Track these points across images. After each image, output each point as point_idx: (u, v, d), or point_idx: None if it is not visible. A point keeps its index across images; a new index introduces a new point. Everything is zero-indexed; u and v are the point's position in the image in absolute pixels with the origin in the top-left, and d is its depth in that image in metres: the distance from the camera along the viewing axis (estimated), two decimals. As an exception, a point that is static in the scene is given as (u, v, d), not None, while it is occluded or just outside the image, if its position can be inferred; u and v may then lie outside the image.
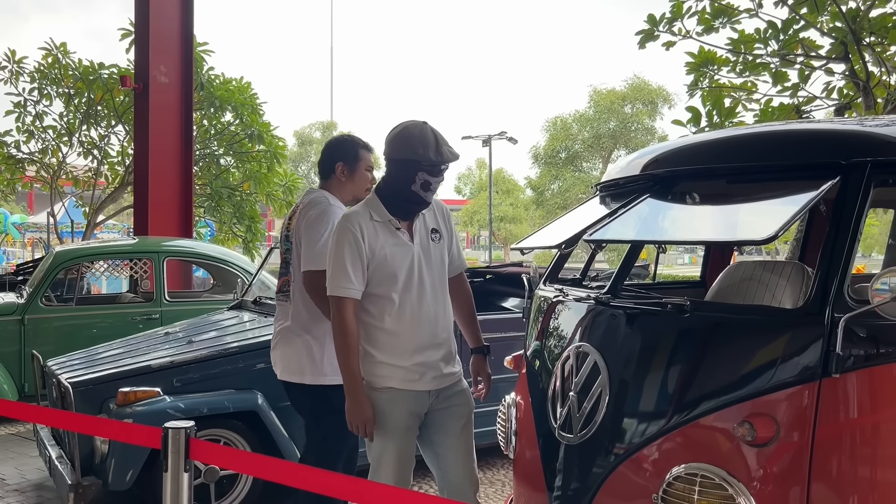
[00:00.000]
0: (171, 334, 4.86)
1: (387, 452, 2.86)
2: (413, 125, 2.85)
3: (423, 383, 2.89)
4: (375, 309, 2.86)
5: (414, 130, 2.82)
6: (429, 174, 2.81)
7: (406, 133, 2.82)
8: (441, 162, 2.83)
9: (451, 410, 2.98)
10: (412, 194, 2.84)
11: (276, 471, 2.16)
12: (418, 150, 2.78)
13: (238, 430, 4.10)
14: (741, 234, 2.36)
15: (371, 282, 2.83)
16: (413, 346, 2.87)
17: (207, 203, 12.50)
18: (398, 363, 2.85)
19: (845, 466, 2.04)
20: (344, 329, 2.78)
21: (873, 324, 2.02)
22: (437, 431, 2.96)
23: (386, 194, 2.89)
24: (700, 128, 5.87)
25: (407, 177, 2.81)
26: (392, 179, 2.87)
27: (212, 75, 11.99)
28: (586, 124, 31.52)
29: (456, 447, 2.98)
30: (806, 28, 5.85)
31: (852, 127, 2.58)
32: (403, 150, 2.80)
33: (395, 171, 2.85)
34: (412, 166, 2.79)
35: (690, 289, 3.78)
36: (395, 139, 2.84)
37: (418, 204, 2.89)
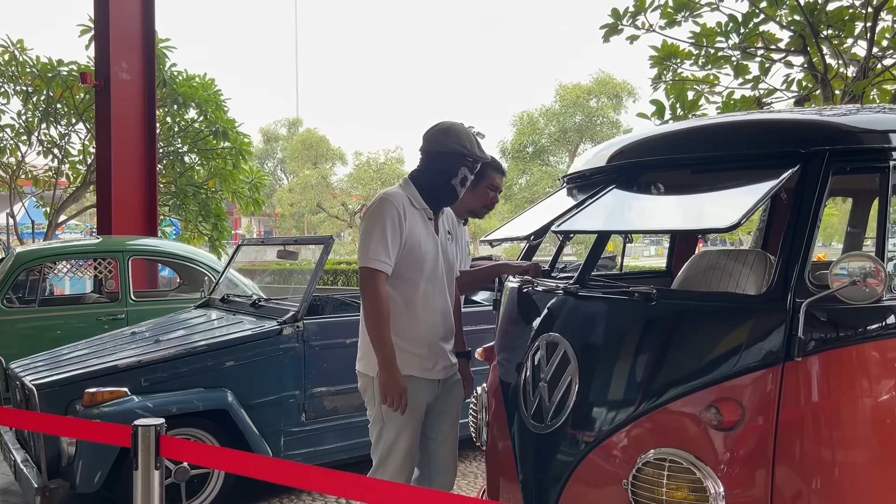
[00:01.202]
0: (137, 334, 4.79)
1: (399, 441, 2.93)
2: (457, 123, 3.02)
3: (435, 372, 3.01)
4: (400, 294, 2.93)
5: (460, 128, 2.99)
6: (469, 170, 2.99)
7: (454, 129, 2.98)
8: (483, 158, 3.03)
9: (450, 399, 3.12)
10: (450, 187, 2.98)
11: (248, 465, 2.15)
12: (466, 145, 2.95)
13: (208, 429, 4.07)
14: (705, 223, 2.41)
15: (400, 264, 2.90)
16: (430, 334, 2.98)
17: (172, 201, 12.32)
18: (417, 350, 2.95)
19: (808, 447, 2.09)
20: (380, 301, 2.83)
21: (833, 308, 2.08)
22: (434, 418, 3.07)
23: (424, 184, 3.01)
24: (664, 121, 5.94)
25: (450, 170, 2.96)
26: (434, 171, 2.99)
27: (175, 72, 11.80)
28: (553, 119, 31.67)
29: (448, 434, 3.12)
30: (765, 21, 5.95)
31: (811, 117, 2.64)
32: (451, 144, 2.95)
33: (438, 163, 2.98)
34: (457, 160, 2.95)
35: (657, 278, 3.84)
36: (441, 133, 2.98)
37: (451, 198, 3.03)
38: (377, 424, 2.96)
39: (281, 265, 11.23)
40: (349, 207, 35.06)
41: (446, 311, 3.08)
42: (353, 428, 4.49)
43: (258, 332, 4.30)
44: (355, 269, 19.30)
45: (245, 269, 8.65)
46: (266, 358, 4.26)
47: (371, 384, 2.95)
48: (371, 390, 2.97)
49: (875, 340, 2.12)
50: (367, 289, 2.84)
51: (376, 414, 2.97)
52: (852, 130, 2.39)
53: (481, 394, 3.13)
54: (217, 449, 3.29)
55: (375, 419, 2.98)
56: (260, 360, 4.24)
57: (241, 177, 12.41)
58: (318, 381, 4.40)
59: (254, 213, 13.28)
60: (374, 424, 2.99)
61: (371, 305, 2.83)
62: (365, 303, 2.86)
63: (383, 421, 2.94)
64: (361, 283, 2.87)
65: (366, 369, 2.99)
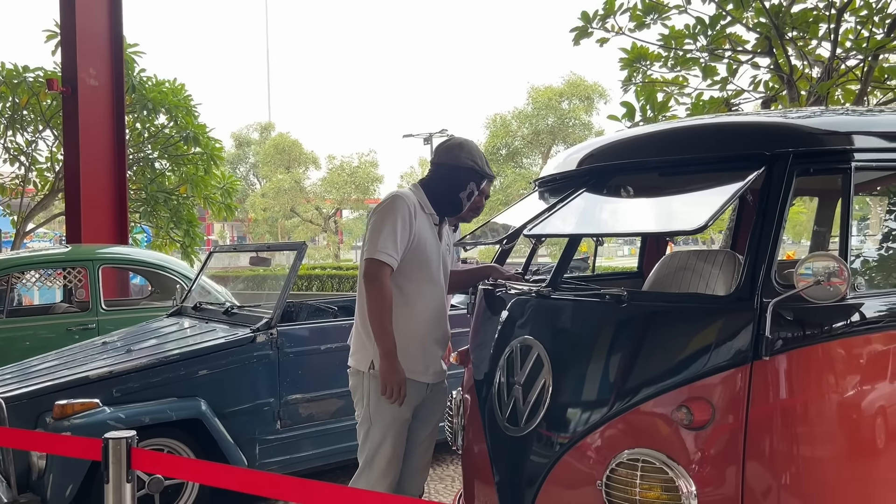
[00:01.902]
0: (108, 344, 4.73)
1: (385, 442, 2.95)
2: (470, 140, 3.16)
3: (427, 375, 3.05)
4: (401, 291, 2.97)
5: (473, 145, 3.15)
6: (476, 186, 3.11)
7: (468, 146, 3.13)
8: (491, 176, 3.18)
9: (435, 405, 3.16)
10: (458, 199, 3.10)
11: (220, 476, 2.13)
12: (477, 161, 3.10)
13: (182, 439, 4.03)
14: (674, 225, 2.44)
15: (405, 262, 2.94)
16: (426, 337, 3.03)
17: (143, 208, 12.17)
18: (410, 349, 2.97)
19: (777, 444, 2.13)
20: (384, 292, 2.87)
21: (799, 307, 2.11)
22: (417, 422, 3.10)
23: (433, 192, 3.10)
24: (634, 122, 6.00)
25: (460, 183, 3.08)
26: (445, 183, 3.10)
27: (144, 77, 11.67)
28: (525, 121, 31.84)
29: (427, 440, 3.17)
30: (732, 23, 6.04)
31: (776, 119, 2.68)
32: (464, 160, 3.08)
33: (449, 176, 3.09)
34: (468, 175, 3.08)
35: (628, 279, 3.88)
36: (455, 148, 3.11)
37: (456, 209, 3.14)
38: (365, 424, 2.98)
39: (254, 271, 11.15)
40: (323, 212, 34.92)
41: (443, 315, 3.14)
42: (329, 435, 4.48)
43: (231, 339, 4.27)
44: (330, 275, 19.28)
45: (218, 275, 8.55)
46: (240, 366, 4.23)
47: (362, 381, 2.98)
48: (361, 388, 2.98)
49: (840, 338, 2.17)
50: (372, 279, 2.87)
51: (364, 414, 2.98)
52: (815, 132, 2.44)
53: (456, 397, 3.14)
54: (189, 460, 3.27)
55: (363, 419, 2.99)
56: (233, 368, 4.21)
57: (212, 182, 12.30)
58: (292, 389, 4.38)
59: (226, 219, 13.17)
60: (361, 424, 3.01)
61: (375, 296, 2.87)
62: (369, 293, 2.89)
63: (371, 421, 2.96)
64: (366, 273, 2.90)
65: (358, 364, 3.01)
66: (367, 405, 2.97)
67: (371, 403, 2.95)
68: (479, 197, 3.62)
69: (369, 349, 2.96)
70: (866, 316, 2.19)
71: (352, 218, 38.83)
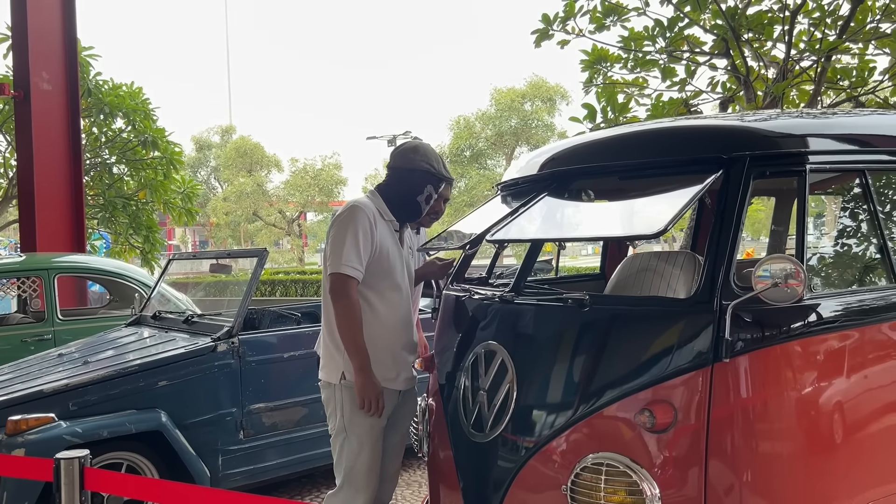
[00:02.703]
0: (65, 355, 4.61)
1: (363, 452, 2.92)
2: (426, 143, 3.13)
3: (398, 383, 3.04)
4: (367, 302, 2.94)
5: (429, 148, 3.11)
6: (434, 189, 3.08)
7: (423, 148, 3.09)
8: (449, 178, 3.14)
9: (405, 411, 3.15)
10: (416, 204, 3.07)
11: (178, 495, 2.08)
12: (433, 164, 3.07)
13: (142, 452, 3.94)
14: (634, 230, 2.45)
15: (369, 272, 2.92)
16: (395, 344, 3.01)
17: (101, 214, 11.92)
18: (381, 359, 2.94)
19: (738, 444, 2.15)
20: (353, 306, 2.84)
21: (758, 309, 2.14)
22: (388, 428, 3.07)
23: (391, 197, 3.07)
24: (596, 124, 6.05)
25: (417, 187, 3.05)
26: (401, 187, 3.07)
27: (100, 81, 11.43)
28: (489, 122, 31.93)
29: (397, 445, 3.16)
30: (690, 25, 6.12)
31: (733, 123, 2.71)
32: (420, 163, 3.05)
33: (406, 179, 3.06)
34: (424, 178, 3.05)
35: (591, 281, 3.90)
36: (411, 151, 3.08)
37: (415, 215, 3.12)
38: (340, 436, 2.94)
39: (216, 278, 10.99)
40: (287, 215, 34.59)
41: (410, 322, 3.12)
42: (294, 443, 4.43)
43: (191, 349, 4.19)
44: (294, 279, 19.06)
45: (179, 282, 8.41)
46: (200, 376, 4.15)
47: (334, 393, 2.94)
48: (334, 400, 2.95)
49: (798, 338, 2.19)
50: (340, 294, 2.85)
51: (339, 425, 2.94)
52: (771, 135, 2.47)
53: (422, 404, 3.12)
54: (145, 479, 3.19)
55: (338, 431, 2.95)
56: (194, 378, 4.14)
57: (172, 187, 12.10)
58: (255, 398, 4.32)
59: (187, 224, 12.96)
60: (336, 436, 2.96)
61: (344, 311, 2.84)
62: (337, 309, 2.86)
63: (346, 432, 2.92)
64: (332, 288, 2.87)
65: (328, 377, 2.98)
66: (340, 416, 2.93)
67: (345, 415, 2.92)
68: (438, 201, 3.62)
69: (339, 361, 2.93)
70: (823, 316, 2.23)
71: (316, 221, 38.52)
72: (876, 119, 3.11)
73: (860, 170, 2.53)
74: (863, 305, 2.40)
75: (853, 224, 2.79)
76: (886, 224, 2.68)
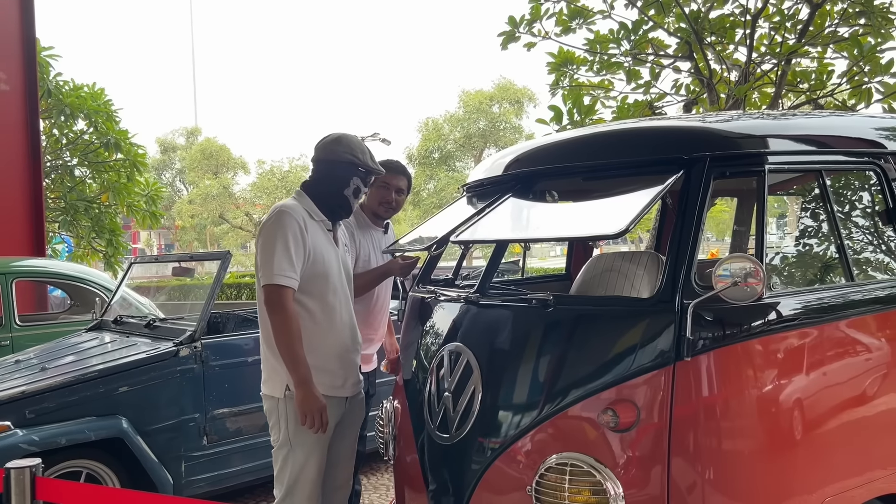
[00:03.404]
0: (22, 362, 4.50)
1: (308, 465, 2.82)
2: (350, 134, 2.98)
3: (345, 389, 2.93)
4: (307, 309, 2.82)
5: (352, 138, 2.96)
6: (361, 180, 2.93)
7: (346, 139, 2.94)
8: (376, 170, 2.97)
9: (354, 417, 3.06)
10: (343, 199, 2.92)
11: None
12: (358, 155, 2.91)
13: (103, 460, 3.86)
14: (596, 230, 2.46)
15: (304, 278, 2.79)
16: (341, 349, 2.91)
17: (62, 217, 11.68)
18: (327, 367, 2.85)
19: (700, 441, 2.17)
20: (289, 318, 2.71)
21: (718, 308, 2.16)
22: (336, 436, 2.97)
23: (318, 194, 2.93)
24: (562, 125, 6.08)
25: (343, 180, 2.90)
26: (327, 181, 2.92)
27: (60, 81, 11.21)
28: (457, 124, 32.01)
29: (347, 452, 3.06)
30: (654, 29, 6.19)
31: (693, 124, 2.74)
32: (344, 154, 2.90)
33: (330, 173, 2.91)
34: (349, 170, 2.90)
35: (557, 282, 3.91)
36: (333, 143, 2.93)
37: (346, 211, 2.98)
38: (283, 448, 2.81)
39: (180, 281, 10.83)
40: (254, 217, 34.25)
41: (353, 324, 3.01)
42: (258, 448, 4.36)
43: (153, 354, 4.11)
44: (262, 282, 18.86)
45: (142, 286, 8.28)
46: (162, 381, 4.08)
47: (276, 406, 2.82)
48: (277, 413, 2.83)
49: (758, 336, 2.22)
50: (275, 306, 2.71)
51: (283, 438, 2.81)
52: (731, 136, 2.50)
53: (388, 407, 3.09)
54: (99, 488, 3.11)
55: (282, 443, 2.82)
56: (156, 383, 4.06)
57: (136, 189, 11.91)
58: (219, 403, 4.25)
59: (152, 227, 12.76)
60: (279, 449, 2.84)
61: (281, 324, 2.71)
62: (274, 322, 2.73)
63: (291, 444, 2.79)
64: (267, 301, 2.72)
65: (271, 391, 2.85)
66: (285, 429, 2.80)
67: (290, 427, 2.79)
68: (388, 192, 3.54)
69: (282, 373, 2.78)
70: (782, 314, 2.26)
71: (284, 223, 38.16)
72: (833, 121, 3.17)
73: (817, 170, 2.58)
74: (821, 303, 2.43)
75: (812, 224, 2.84)
76: (844, 224, 2.73)
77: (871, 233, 2.84)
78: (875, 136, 2.84)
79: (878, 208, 2.77)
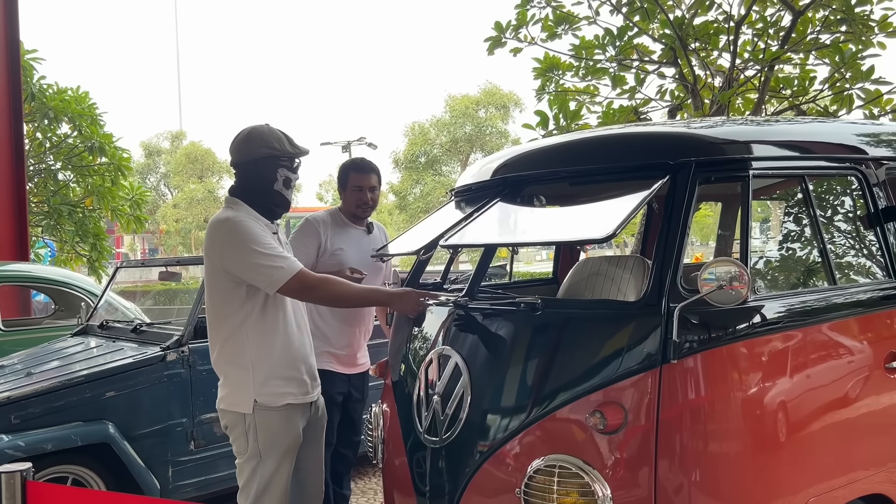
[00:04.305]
0: (6, 367, 4.47)
1: (277, 475, 2.77)
2: (259, 126, 2.82)
3: (313, 395, 2.91)
4: (267, 317, 2.76)
5: (263, 129, 2.80)
6: (288, 170, 2.80)
7: (257, 133, 2.79)
8: (297, 153, 2.82)
9: (318, 422, 3.02)
10: (276, 194, 2.80)
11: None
12: (274, 145, 2.76)
13: (90, 466, 3.84)
14: (583, 234, 2.48)
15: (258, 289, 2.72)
16: (303, 353, 2.87)
17: (46, 221, 11.58)
18: (294, 374, 2.81)
19: (687, 443, 2.19)
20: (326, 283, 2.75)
21: (704, 311, 2.19)
22: (304, 444, 2.92)
23: (250, 198, 2.80)
24: (548, 130, 6.12)
25: (268, 176, 2.77)
26: (253, 182, 2.80)
27: (44, 85, 11.13)
28: (443, 129, 32.10)
29: (316, 458, 3.02)
30: (639, 35, 6.25)
31: (679, 129, 2.78)
32: (259, 149, 2.76)
33: (252, 171, 2.78)
34: (272, 163, 2.77)
35: (544, 286, 3.94)
36: (245, 141, 2.79)
37: (283, 205, 2.85)
38: (252, 461, 2.72)
39: (166, 286, 10.78)
40: (239, 222, 34.08)
41: (306, 325, 2.97)
42: (246, 452, 4.35)
43: (140, 359, 4.10)
44: (248, 286, 18.76)
45: (127, 290, 8.23)
46: (149, 386, 4.07)
47: (243, 420, 2.72)
48: (243, 426, 2.72)
49: (743, 339, 2.26)
50: (308, 288, 2.69)
51: (251, 451, 2.72)
52: (716, 142, 2.54)
53: (376, 410, 3.10)
54: (91, 492, 3.10)
55: (250, 455, 2.72)
56: (143, 388, 4.05)
57: (120, 193, 11.83)
58: (206, 407, 4.23)
59: (136, 231, 12.69)
60: (246, 462, 2.74)
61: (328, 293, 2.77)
62: (324, 298, 2.81)
63: (260, 456, 2.71)
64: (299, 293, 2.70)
65: (232, 406, 2.74)
66: (253, 441, 2.71)
67: (260, 439, 2.70)
68: (363, 193, 3.51)
69: (250, 388, 2.70)
70: (767, 317, 2.29)
71: (270, 228, 38.07)
72: (816, 127, 3.23)
73: (800, 175, 2.62)
74: (805, 307, 2.47)
75: (796, 228, 2.88)
76: (826, 228, 2.77)
77: (853, 237, 2.89)
78: (856, 141, 2.89)
79: (859, 213, 2.82)
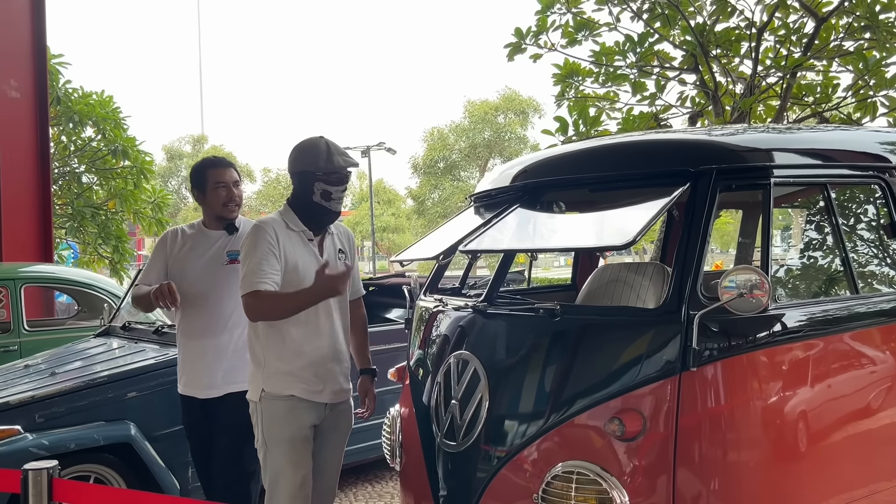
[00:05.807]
0: (31, 366, 4.53)
1: (286, 466, 2.85)
2: (308, 139, 3.00)
3: (324, 396, 2.95)
4: (281, 325, 2.87)
5: (307, 143, 2.97)
6: (325, 183, 2.91)
7: (299, 147, 2.98)
8: (333, 170, 2.91)
9: (339, 424, 3.06)
10: (315, 206, 2.94)
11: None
12: (309, 161, 2.91)
13: (111, 465, 3.88)
14: (603, 241, 2.49)
15: (281, 287, 2.83)
16: (316, 357, 2.92)
17: (69, 224, 11.75)
18: (300, 373, 2.89)
19: (705, 451, 2.19)
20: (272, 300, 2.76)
21: (724, 319, 2.18)
22: (321, 442, 3.01)
23: (296, 206, 3.00)
24: (567, 136, 6.12)
25: (306, 189, 2.93)
26: (296, 192, 3.00)
27: (69, 89, 11.31)
28: (462, 134, 32.15)
29: (332, 460, 3.08)
30: (660, 41, 6.24)
31: (700, 137, 2.77)
32: (297, 164, 2.96)
33: (296, 184, 2.99)
34: (308, 178, 2.92)
35: (563, 292, 3.94)
36: (291, 154, 3.00)
37: (325, 215, 2.98)
38: (262, 449, 2.92)
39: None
40: (259, 225, 34.35)
41: (334, 332, 3.00)
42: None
43: (162, 360, 4.14)
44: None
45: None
46: (171, 387, 4.06)
47: (256, 409, 2.93)
48: (256, 415, 2.94)
49: (763, 348, 2.24)
50: (254, 310, 2.77)
51: (260, 438, 2.93)
52: (737, 150, 2.53)
53: (394, 414, 3.12)
54: (115, 490, 3.14)
55: (260, 444, 2.94)
56: (164, 389, 4.07)
57: (142, 196, 11.99)
58: (227, 408, 4.27)
59: (157, 234, 12.83)
60: (259, 449, 2.95)
61: (272, 308, 2.78)
62: (267, 314, 2.81)
63: (266, 445, 2.89)
64: (247, 310, 2.79)
65: (250, 395, 2.98)
66: (260, 430, 2.91)
67: (265, 427, 2.89)
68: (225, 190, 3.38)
69: (258, 379, 2.92)
70: (787, 326, 2.28)
71: (289, 231, 38.28)
72: (838, 135, 3.21)
73: (822, 184, 2.60)
74: (826, 315, 2.46)
75: (817, 236, 2.87)
76: (848, 236, 2.75)
77: (876, 246, 2.87)
78: (880, 149, 2.87)
79: (882, 221, 2.80)
